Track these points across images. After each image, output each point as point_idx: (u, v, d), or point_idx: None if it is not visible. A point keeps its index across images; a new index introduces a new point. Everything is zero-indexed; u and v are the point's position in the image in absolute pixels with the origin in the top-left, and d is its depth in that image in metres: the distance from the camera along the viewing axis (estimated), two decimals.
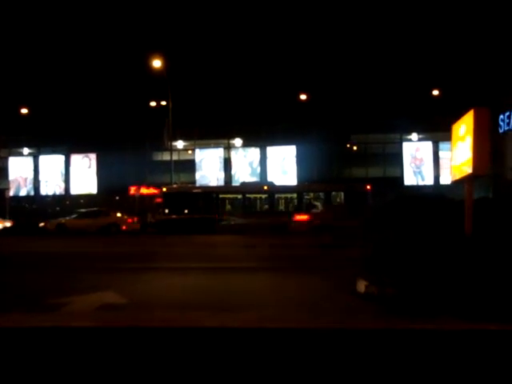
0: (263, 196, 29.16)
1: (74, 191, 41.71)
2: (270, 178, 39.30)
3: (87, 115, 40.12)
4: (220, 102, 38.89)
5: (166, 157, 38.45)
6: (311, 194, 29.45)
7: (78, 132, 40.40)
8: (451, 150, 7.72)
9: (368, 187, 28.52)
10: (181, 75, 36.73)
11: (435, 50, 38.30)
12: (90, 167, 42.29)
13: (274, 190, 29.80)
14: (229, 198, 29.46)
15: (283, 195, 29.46)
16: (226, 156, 41.45)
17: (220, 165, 41.29)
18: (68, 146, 42.16)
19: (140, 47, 35.90)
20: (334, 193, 29.26)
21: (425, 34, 38.34)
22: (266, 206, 28.94)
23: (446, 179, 39.25)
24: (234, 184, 37.94)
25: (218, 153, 41.72)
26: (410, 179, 40.62)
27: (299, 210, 27.52)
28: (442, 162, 40.29)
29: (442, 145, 40.58)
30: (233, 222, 26.43)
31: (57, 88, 40.52)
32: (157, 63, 32.56)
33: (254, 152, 41.57)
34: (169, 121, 34.22)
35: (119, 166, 38.81)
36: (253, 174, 40.86)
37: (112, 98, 39.91)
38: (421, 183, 40.41)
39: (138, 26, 42.28)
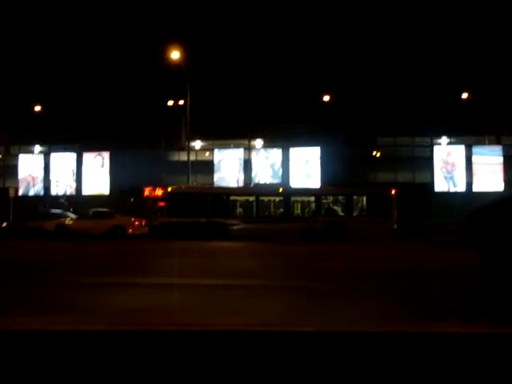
0: (277, 199, 27.95)
1: (85, 192, 41.36)
2: (292, 181, 39.01)
3: (100, 112, 40.04)
4: (240, 101, 38.79)
5: (182, 157, 38.23)
6: (330, 198, 28.36)
7: (91, 129, 40.31)
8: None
9: (393, 192, 27.74)
10: (200, 71, 36.58)
11: (467, 50, 38.38)
12: (102, 166, 42.08)
13: (290, 192, 28.75)
14: (240, 201, 28.19)
15: (300, 198, 28.32)
16: (246, 157, 41.19)
17: (240, 166, 41.01)
18: (80, 143, 42.01)
19: (158, 40, 35.49)
20: (355, 197, 28.29)
21: (457, 34, 38.57)
22: (281, 210, 27.75)
23: (479, 186, 38.52)
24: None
25: (238, 154, 41.47)
26: (440, 185, 40.07)
27: (317, 215, 26.87)
28: (475, 167, 39.92)
29: (475, 149, 40.30)
30: (244, 227, 25.66)
31: (69, 84, 40.76)
32: (175, 56, 32.14)
33: (276, 153, 41.25)
34: (187, 119, 33.56)
35: (133, 166, 38.34)
36: (274, 176, 40.41)
37: (127, 94, 39.80)
38: (452, 190, 39.48)
39: (156, 19, 41.93)
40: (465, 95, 38.43)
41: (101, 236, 25.29)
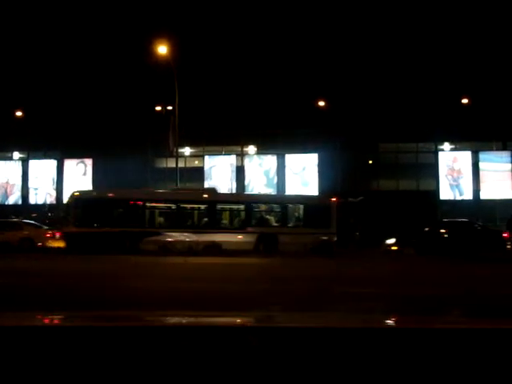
0: (202, 207, 24.95)
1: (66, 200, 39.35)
2: (288, 189, 38.02)
3: (83, 117, 38.85)
4: (233, 105, 37.69)
5: (171, 164, 36.96)
6: (263, 207, 25.73)
7: (73, 135, 39.21)
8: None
9: (333, 200, 25.46)
10: (190, 74, 35.65)
11: (474, 53, 37.56)
12: (85, 174, 40.76)
13: (216, 199, 25.57)
14: (159, 208, 25.05)
15: (228, 206, 25.51)
16: (239, 164, 39.83)
17: (232, 174, 39.85)
18: (61, 150, 40.89)
19: (145, 41, 33.92)
20: (291, 206, 25.74)
21: (462, 38, 37.75)
22: (206, 220, 24.74)
23: (487, 194, 37.44)
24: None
25: (230, 160, 40.38)
26: (446, 193, 38.83)
27: (246, 225, 24.16)
28: (482, 174, 38.89)
29: (482, 155, 39.40)
30: (162, 239, 22.91)
31: (50, 87, 39.48)
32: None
33: (271, 160, 40.12)
34: (175, 122, 31.97)
35: (118, 174, 36.81)
36: (269, 184, 39.24)
37: (112, 98, 38.73)
38: (458, 198, 38.15)
39: (143, 20, 40.49)
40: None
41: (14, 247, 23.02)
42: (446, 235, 22.99)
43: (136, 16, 40.80)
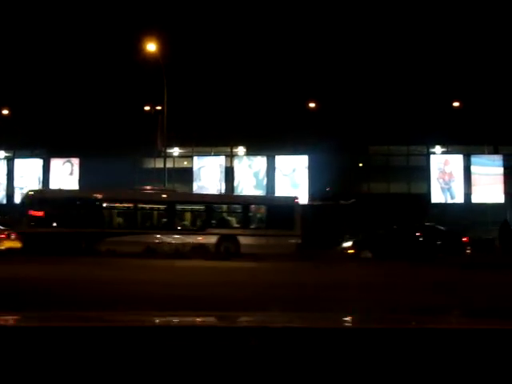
0: (162, 207, 24.29)
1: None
2: (278, 191, 37.73)
3: (70, 116, 38.51)
4: (222, 106, 37.33)
5: (159, 164, 36.55)
6: (224, 207, 25.13)
7: (60, 134, 38.54)
8: None
9: (296, 201, 24.97)
10: (179, 74, 35.26)
11: (465, 57, 37.41)
12: (71, 174, 40.48)
13: (176, 199, 25.01)
14: (116, 208, 24.30)
15: (188, 207, 24.87)
16: (228, 165, 39.33)
17: (221, 175, 39.53)
18: (48, 149, 40.47)
19: (133, 39, 33.51)
20: (253, 206, 25.11)
21: (454, 41, 37.66)
22: (165, 220, 24.11)
23: (478, 197, 37.33)
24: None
25: (219, 161, 40.07)
26: (437, 196, 38.57)
27: (207, 227, 23.51)
28: (474, 177, 38.84)
29: (474, 158, 39.41)
30: (119, 240, 21.95)
31: (37, 85, 38.98)
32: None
33: (260, 161, 39.93)
34: (163, 122, 31.60)
35: (105, 174, 35.99)
36: (258, 185, 38.86)
37: (99, 97, 38.44)
38: (450, 201, 37.95)
39: (131, 18, 39.99)
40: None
41: None
42: (402, 239, 22.34)
43: (125, 15, 40.38)
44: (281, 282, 11.25)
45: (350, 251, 22.37)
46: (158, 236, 22.85)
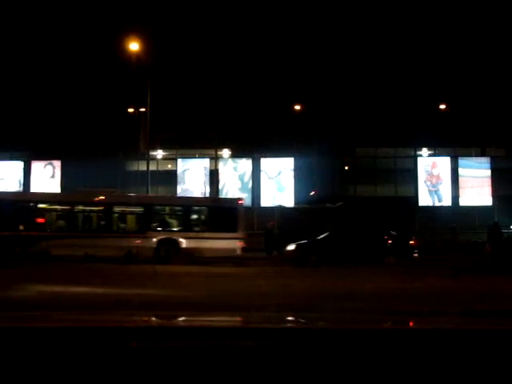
0: (99, 209, 23.45)
1: None
2: (264, 194, 37.72)
3: (52, 117, 37.92)
4: (207, 107, 36.98)
5: (142, 167, 35.92)
6: (165, 209, 24.39)
7: (41, 136, 37.96)
8: None
9: (240, 202, 24.24)
10: (163, 76, 35.06)
11: (453, 59, 37.54)
12: (53, 176, 39.80)
13: (114, 201, 24.08)
14: (53, 211, 23.41)
15: (127, 209, 24.04)
16: (213, 168, 38.72)
17: (206, 177, 39.04)
18: (28, 151, 39.74)
19: (116, 40, 33.00)
20: (195, 208, 24.38)
21: (442, 43, 37.97)
22: (103, 223, 23.16)
23: (466, 200, 37.13)
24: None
25: (204, 163, 39.59)
26: (424, 199, 38.24)
27: (147, 229, 22.67)
28: (461, 180, 38.76)
29: (461, 161, 39.28)
30: (56, 243, 20.94)
31: (17, 86, 38.48)
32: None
33: (246, 164, 39.44)
34: (146, 124, 31.16)
35: (88, 176, 35.42)
36: (243, 188, 38.44)
37: (82, 98, 37.94)
38: (437, 204, 37.74)
39: (113, 18, 39.55)
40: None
41: None
42: (348, 242, 21.30)
43: (108, 16, 39.94)
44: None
45: (293, 255, 21.34)
46: (96, 239, 21.66)
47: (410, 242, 22.26)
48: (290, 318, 2.80)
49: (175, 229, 23.10)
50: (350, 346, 1.73)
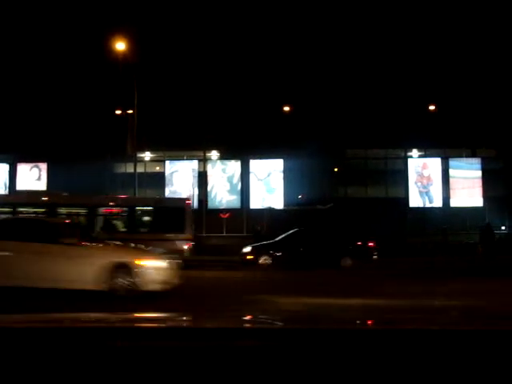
0: (39, 210, 22.37)
1: None
2: (253, 196, 37.43)
3: (38, 119, 37.40)
4: (195, 109, 36.48)
5: (130, 169, 35.89)
6: (109, 210, 23.52)
7: (27, 138, 37.32)
8: None
9: (187, 202, 23.75)
10: (150, 77, 34.33)
11: (443, 60, 37.27)
12: (39, 179, 39.23)
13: (56, 201, 23.15)
14: None
15: (70, 210, 23.02)
16: (202, 169, 38.33)
17: (194, 179, 38.58)
18: (14, 153, 39.04)
19: (103, 40, 32.60)
20: (140, 209, 23.61)
21: (433, 44, 37.46)
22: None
23: (457, 201, 36.99)
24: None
25: (192, 165, 39.28)
26: (415, 200, 38.03)
27: (88, 232, 22.08)
28: (452, 181, 38.52)
29: (452, 162, 39.17)
30: None
31: (2, 88, 37.69)
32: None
33: (234, 165, 39.17)
34: (133, 125, 30.76)
35: (75, 179, 34.88)
36: (232, 190, 38.14)
37: (68, 100, 37.42)
38: (428, 205, 37.53)
39: (100, 18, 39.03)
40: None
41: None
42: (304, 244, 20.72)
43: (95, 17, 39.46)
44: None
45: (248, 257, 20.69)
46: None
47: (369, 244, 21.54)
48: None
49: (118, 230, 22.18)
50: (349, 346, 1.75)
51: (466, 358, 1.67)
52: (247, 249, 21.13)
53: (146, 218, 23.59)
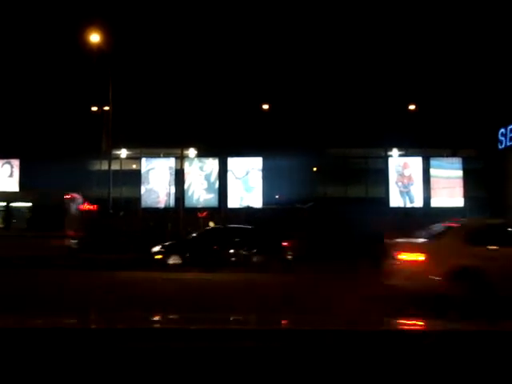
0: None
1: None
2: (231, 194, 36.99)
3: (9, 114, 36.63)
4: (172, 105, 35.88)
5: (105, 166, 35.74)
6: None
7: None
8: None
9: (67, 197, 22.62)
10: (126, 73, 34.30)
11: (423, 59, 37.01)
12: (11, 175, 38.41)
13: None
14: None
15: None
16: (179, 167, 37.56)
17: (171, 177, 37.90)
18: None
19: (78, 35, 31.99)
20: (16, 205, 22.60)
21: (414, 43, 36.92)
22: None
23: (437, 201, 36.81)
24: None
25: (169, 163, 38.61)
26: (396, 200, 37.77)
27: None
28: (433, 181, 38.37)
29: (433, 161, 38.95)
30: None
31: None
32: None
33: (212, 163, 38.65)
34: (108, 120, 30.24)
35: (48, 176, 34.10)
36: (210, 188, 37.60)
37: (42, 95, 36.76)
38: (409, 205, 37.31)
39: (75, 12, 38.35)
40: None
41: None
42: (214, 242, 20.14)
43: (69, 10, 38.76)
44: None
45: (157, 256, 19.91)
46: None
47: (283, 244, 20.57)
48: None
49: None
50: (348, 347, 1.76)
51: (466, 358, 1.70)
52: (156, 248, 20.24)
53: (21, 214, 22.59)
